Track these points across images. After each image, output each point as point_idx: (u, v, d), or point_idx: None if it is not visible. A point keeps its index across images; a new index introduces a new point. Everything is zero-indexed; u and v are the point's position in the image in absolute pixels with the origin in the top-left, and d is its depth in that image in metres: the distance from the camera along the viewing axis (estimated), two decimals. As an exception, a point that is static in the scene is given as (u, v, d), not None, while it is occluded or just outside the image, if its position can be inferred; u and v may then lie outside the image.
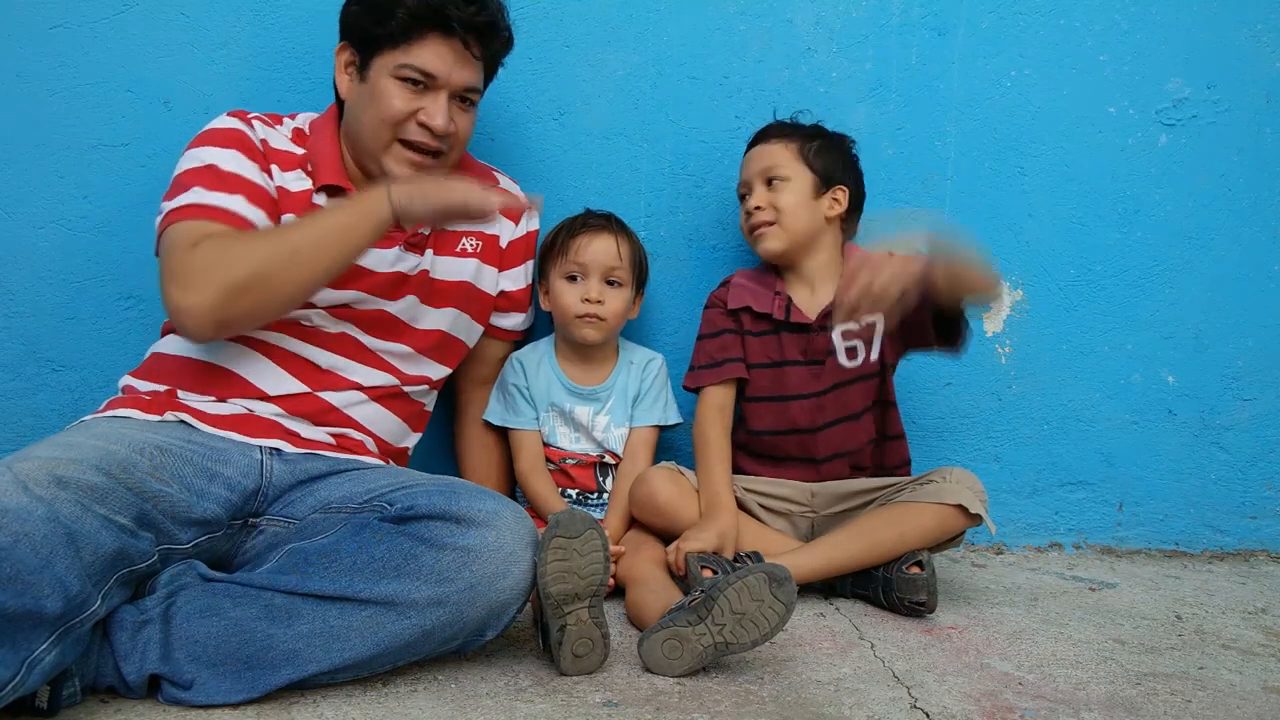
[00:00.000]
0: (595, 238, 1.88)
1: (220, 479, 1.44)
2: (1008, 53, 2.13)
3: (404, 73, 1.56)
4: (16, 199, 1.90)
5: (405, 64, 1.56)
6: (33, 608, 1.13)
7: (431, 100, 1.60)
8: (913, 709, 1.36)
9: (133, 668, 1.27)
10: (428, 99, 1.60)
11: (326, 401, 1.61)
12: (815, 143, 1.89)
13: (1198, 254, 2.21)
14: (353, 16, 1.62)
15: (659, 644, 1.42)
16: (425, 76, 1.58)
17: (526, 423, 1.92)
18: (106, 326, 1.94)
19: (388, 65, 1.58)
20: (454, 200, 1.48)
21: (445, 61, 1.58)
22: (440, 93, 1.60)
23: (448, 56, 1.58)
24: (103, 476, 1.27)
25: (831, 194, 1.89)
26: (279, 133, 1.67)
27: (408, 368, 1.72)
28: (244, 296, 1.42)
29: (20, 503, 1.17)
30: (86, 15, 1.89)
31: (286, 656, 1.29)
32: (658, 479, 1.81)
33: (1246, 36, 2.17)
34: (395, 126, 1.60)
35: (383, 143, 1.61)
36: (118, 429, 1.41)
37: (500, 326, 1.92)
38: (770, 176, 1.88)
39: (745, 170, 1.93)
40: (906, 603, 1.73)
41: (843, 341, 1.90)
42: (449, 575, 1.31)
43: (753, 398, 1.94)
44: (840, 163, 1.90)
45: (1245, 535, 2.27)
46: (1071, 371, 2.21)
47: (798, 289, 1.92)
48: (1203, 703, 1.43)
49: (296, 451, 1.54)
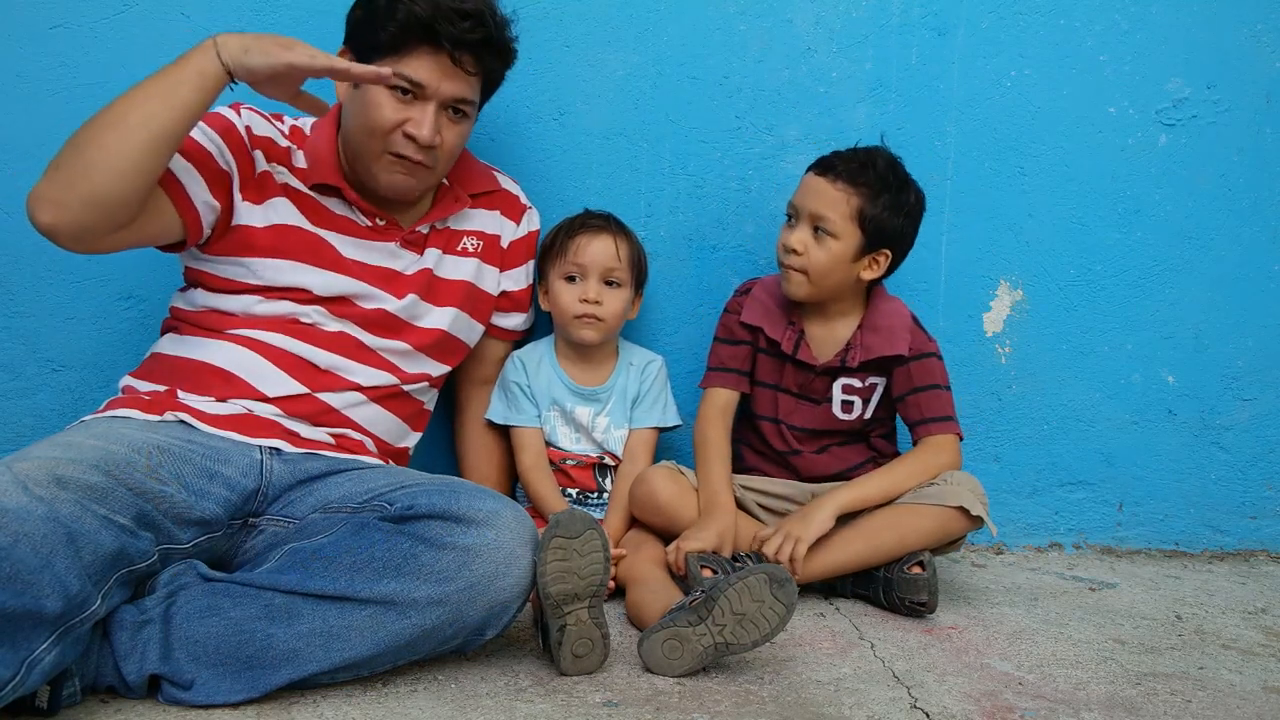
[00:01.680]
0: (594, 238, 1.88)
1: (220, 479, 1.44)
2: (1008, 53, 2.13)
3: (393, 81, 1.55)
4: (17, 199, 1.89)
5: (395, 73, 1.54)
6: (33, 607, 1.13)
7: (419, 110, 1.58)
8: (913, 709, 1.36)
9: (133, 667, 1.27)
10: (415, 109, 1.58)
11: (325, 403, 1.61)
12: (881, 199, 1.77)
13: (1198, 254, 2.21)
14: (355, 22, 1.62)
15: (659, 644, 1.42)
16: (414, 86, 1.56)
17: (529, 420, 1.92)
18: (106, 326, 1.94)
19: None
20: (293, 58, 1.41)
21: (434, 74, 1.56)
22: (429, 103, 1.58)
23: (436, 69, 1.56)
24: (102, 476, 1.27)
25: (873, 256, 1.81)
26: (274, 126, 1.67)
27: (407, 365, 1.72)
28: (67, 171, 1.36)
29: (20, 502, 1.17)
30: (86, 15, 1.89)
31: (286, 656, 1.29)
32: (658, 478, 1.81)
33: (1246, 36, 2.17)
34: (384, 137, 1.58)
35: (373, 152, 1.60)
36: (117, 429, 1.40)
37: (501, 326, 1.92)
38: (818, 225, 1.79)
39: (801, 195, 1.82)
40: (907, 603, 1.73)
41: (841, 395, 1.90)
42: (449, 574, 1.31)
43: (753, 412, 1.95)
44: (897, 227, 1.79)
45: (1245, 535, 2.27)
46: (1071, 371, 2.21)
47: (814, 323, 1.90)
48: (1203, 703, 1.43)
49: (296, 451, 1.54)
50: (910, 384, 1.86)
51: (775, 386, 1.92)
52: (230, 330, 1.60)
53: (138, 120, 1.37)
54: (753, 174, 2.10)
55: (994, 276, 2.18)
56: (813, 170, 1.83)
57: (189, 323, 1.63)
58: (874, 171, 1.78)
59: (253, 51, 1.41)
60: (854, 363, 1.86)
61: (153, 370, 1.60)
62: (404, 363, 1.71)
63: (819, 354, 1.88)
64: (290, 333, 1.61)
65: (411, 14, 1.52)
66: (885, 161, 1.80)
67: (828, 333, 1.89)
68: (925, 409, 1.86)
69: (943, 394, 1.87)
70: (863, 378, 1.89)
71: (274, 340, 1.60)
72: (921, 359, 1.86)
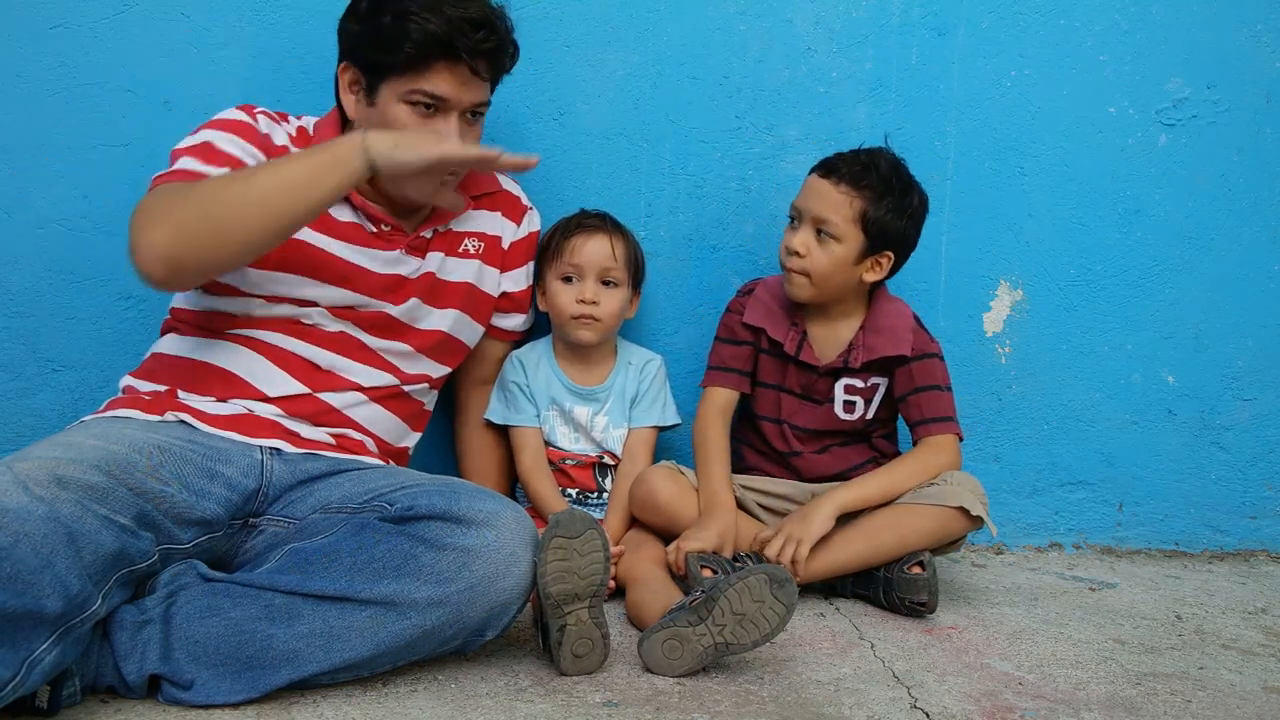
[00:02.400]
0: (590, 238, 1.88)
1: (221, 478, 1.44)
2: (1008, 53, 2.13)
3: (414, 98, 1.55)
4: (16, 199, 1.90)
5: (415, 89, 1.55)
6: (33, 608, 1.13)
7: (442, 121, 1.58)
8: (913, 709, 1.36)
9: (133, 668, 1.27)
10: (438, 120, 1.58)
11: (326, 403, 1.61)
12: (884, 202, 1.76)
13: (1198, 254, 2.21)
14: (353, 39, 1.59)
15: (659, 644, 1.42)
16: (436, 100, 1.57)
17: (528, 420, 1.92)
18: (106, 326, 1.94)
19: (397, 90, 1.56)
20: (445, 152, 1.44)
21: (454, 86, 1.57)
22: (451, 114, 1.59)
23: (455, 81, 1.56)
24: (103, 476, 1.27)
25: (876, 258, 1.81)
26: (282, 129, 1.67)
27: (408, 366, 1.72)
28: (195, 236, 1.37)
29: (21, 503, 1.17)
30: (86, 15, 1.89)
31: (286, 657, 1.29)
32: (657, 477, 1.81)
33: (1246, 36, 2.17)
34: None
35: None
36: (118, 429, 1.40)
37: (501, 327, 1.92)
38: (821, 228, 1.78)
39: (803, 197, 1.82)
40: (907, 603, 1.73)
41: (843, 395, 1.90)
42: (449, 575, 1.31)
43: (755, 413, 1.95)
44: (900, 229, 1.79)
45: (1245, 535, 2.27)
46: (1071, 371, 2.21)
47: (817, 324, 1.89)
48: (1203, 703, 1.43)
49: (297, 452, 1.54)
50: (911, 384, 1.86)
51: (778, 387, 1.92)
52: (231, 330, 1.60)
53: (278, 207, 1.40)
54: (753, 174, 2.10)
55: (994, 276, 2.18)
56: (815, 172, 1.83)
57: (190, 323, 1.62)
58: (877, 174, 1.78)
59: (403, 148, 1.44)
60: (856, 363, 1.86)
61: (153, 370, 1.60)
62: (404, 364, 1.71)
63: (821, 355, 1.88)
64: (291, 333, 1.61)
65: (427, 32, 1.52)
66: (888, 163, 1.80)
67: (830, 333, 1.89)
68: (926, 409, 1.86)
69: (943, 394, 1.87)
70: (865, 378, 1.89)
71: (275, 340, 1.60)
72: (923, 359, 1.86)
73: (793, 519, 1.76)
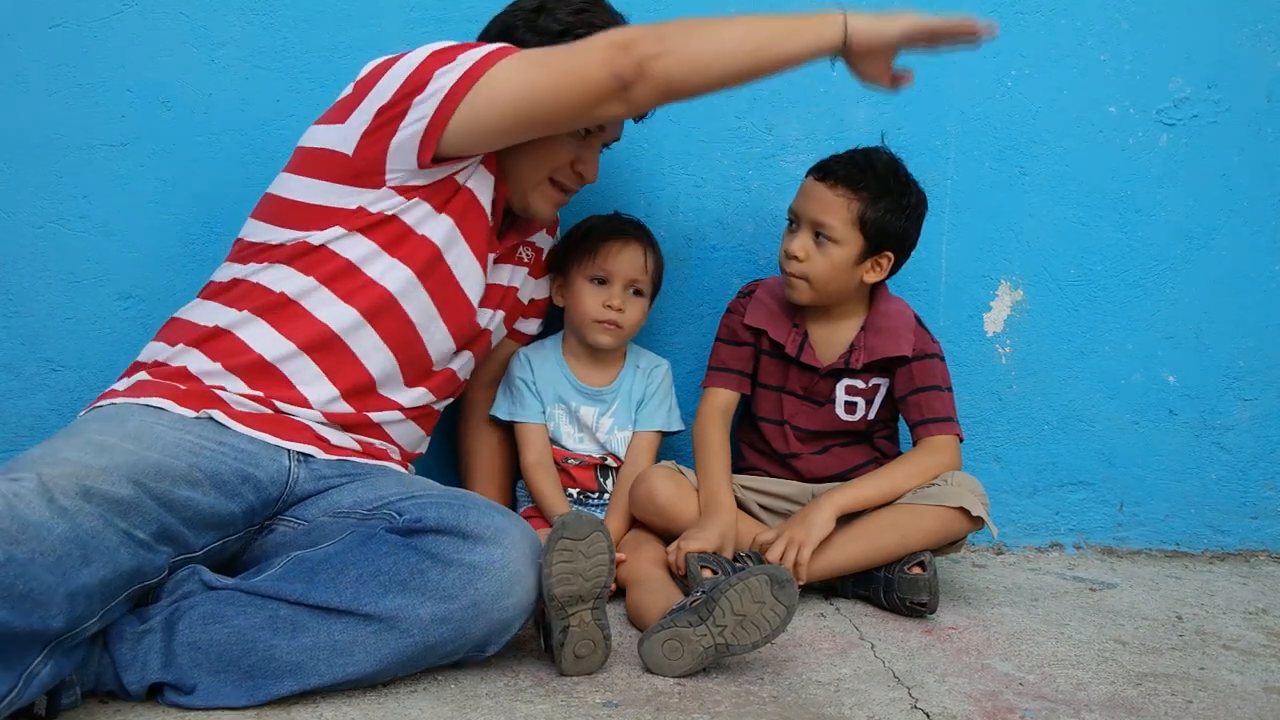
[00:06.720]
0: (626, 246, 1.87)
1: (251, 482, 1.42)
2: (1008, 53, 2.13)
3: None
4: (16, 199, 1.90)
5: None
6: (38, 627, 1.12)
7: (588, 149, 1.66)
8: (913, 709, 1.36)
9: (134, 677, 1.27)
10: (583, 147, 1.65)
11: (367, 417, 1.59)
12: (882, 203, 1.76)
13: (1198, 254, 2.21)
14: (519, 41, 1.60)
15: (659, 644, 1.41)
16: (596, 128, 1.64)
17: (533, 416, 1.91)
18: (106, 326, 1.94)
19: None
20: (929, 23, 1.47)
21: None
22: (595, 142, 1.66)
23: None
24: (131, 488, 1.25)
25: (876, 259, 1.81)
26: None
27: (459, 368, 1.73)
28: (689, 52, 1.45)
29: (42, 516, 1.15)
30: (86, 15, 1.88)
31: (290, 668, 1.28)
32: (657, 478, 1.81)
33: (1247, 36, 2.17)
34: (554, 169, 1.65)
35: (536, 180, 1.66)
36: (150, 426, 1.36)
37: (521, 331, 1.94)
38: (819, 231, 1.78)
39: (801, 201, 1.81)
40: (908, 603, 1.73)
41: (844, 395, 1.89)
42: (454, 592, 1.31)
43: (756, 413, 1.95)
44: (899, 229, 1.78)
45: (1246, 535, 2.27)
46: (1072, 371, 2.21)
47: (818, 325, 1.89)
48: (1203, 703, 1.43)
49: (324, 458, 1.51)
50: (912, 384, 1.86)
51: (779, 388, 1.92)
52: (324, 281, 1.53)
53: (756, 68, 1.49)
54: (753, 174, 2.10)
55: (994, 276, 2.18)
56: (812, 175, 1.82)
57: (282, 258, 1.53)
58: (874, 175, 1.77)
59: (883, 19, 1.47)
60: (858, 364, 1.86)
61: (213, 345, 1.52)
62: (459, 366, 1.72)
63: (822, 356, 1.88)
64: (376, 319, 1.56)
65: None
66: (885, 163, 1.80)
67: (831, 334, 1.89)
68: (926, 409, 1.85)
69: (944, 395, 1.87)
70: (866, 378, 1.88)
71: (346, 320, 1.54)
72: (924, 359, 1.86)
73: (793, 522, 1.76)
